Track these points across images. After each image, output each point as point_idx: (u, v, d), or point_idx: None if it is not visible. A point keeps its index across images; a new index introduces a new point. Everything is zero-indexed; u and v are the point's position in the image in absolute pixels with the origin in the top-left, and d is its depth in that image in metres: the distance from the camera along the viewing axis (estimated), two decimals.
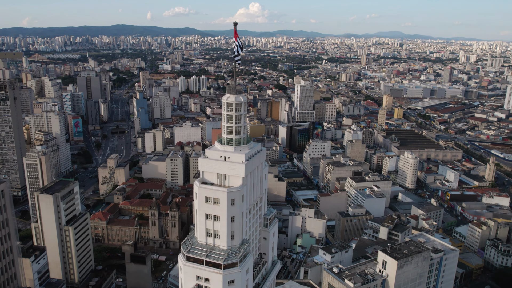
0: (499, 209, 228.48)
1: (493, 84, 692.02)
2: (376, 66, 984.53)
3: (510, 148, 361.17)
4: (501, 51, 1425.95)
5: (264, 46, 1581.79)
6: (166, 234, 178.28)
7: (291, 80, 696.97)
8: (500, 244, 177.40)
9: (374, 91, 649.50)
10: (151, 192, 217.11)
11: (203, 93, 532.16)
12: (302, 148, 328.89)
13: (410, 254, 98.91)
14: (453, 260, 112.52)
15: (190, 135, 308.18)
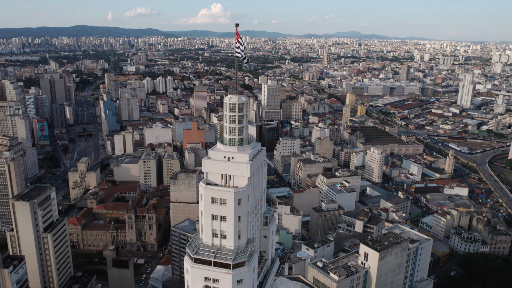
0: (459, 199, 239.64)
1: (446, 81, 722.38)
2: (337, 65, 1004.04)
3: (465, 141, 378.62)
4: (451, 50, 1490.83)
5: (227, 46, 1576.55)
6: (144, 237, 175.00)
7: (257, 80, 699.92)
8: (463, 232, 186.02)
9: (337, 90, 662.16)
10: (125, 195, 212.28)
11: (170, 94, 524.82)
12: (272, 147, 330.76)
13: (390, 246, 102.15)
14: (428, 249, 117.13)
15: (160, 136, 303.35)
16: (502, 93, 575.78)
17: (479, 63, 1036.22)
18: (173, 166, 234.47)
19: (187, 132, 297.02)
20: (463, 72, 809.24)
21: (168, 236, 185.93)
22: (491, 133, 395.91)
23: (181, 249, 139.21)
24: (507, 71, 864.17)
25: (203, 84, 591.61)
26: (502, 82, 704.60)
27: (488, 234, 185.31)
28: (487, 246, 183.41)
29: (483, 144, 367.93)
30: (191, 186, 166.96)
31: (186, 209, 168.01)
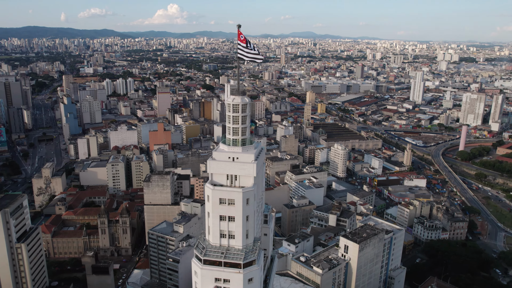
0: (419, 190, 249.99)
1: (398, 79, 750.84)
2: (294, 64, 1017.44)
3: (419, 135, 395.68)
4: (400, 49, 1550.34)
5: (185, 47, 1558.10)
6: (117, 241, 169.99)
7: (217, 80, 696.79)
8: (425, 221, 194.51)
9: (296, 88, 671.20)
10: (94, 199, 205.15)
11: (132, 96, 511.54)
12: None
13: (369, 237, 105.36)
14: (400, 238, 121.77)
15: (126, 138, 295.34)
16: (449, 89, 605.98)
17: (426, 61, 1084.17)
18: (142, 168, 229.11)
19: (153, 134, 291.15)
20: (413, 70, 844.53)
21: (142, 239, 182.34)
22: (442, 127, 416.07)
23: (160, 252, 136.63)
24: (451, 69, 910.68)
25: (165, 85, 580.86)
26: (448, 79, 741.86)
27: (447, 222, 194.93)
28: (447, 233, 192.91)
29: (436, 137, 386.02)
30: (165, 188, 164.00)
31: (160, 212, 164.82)
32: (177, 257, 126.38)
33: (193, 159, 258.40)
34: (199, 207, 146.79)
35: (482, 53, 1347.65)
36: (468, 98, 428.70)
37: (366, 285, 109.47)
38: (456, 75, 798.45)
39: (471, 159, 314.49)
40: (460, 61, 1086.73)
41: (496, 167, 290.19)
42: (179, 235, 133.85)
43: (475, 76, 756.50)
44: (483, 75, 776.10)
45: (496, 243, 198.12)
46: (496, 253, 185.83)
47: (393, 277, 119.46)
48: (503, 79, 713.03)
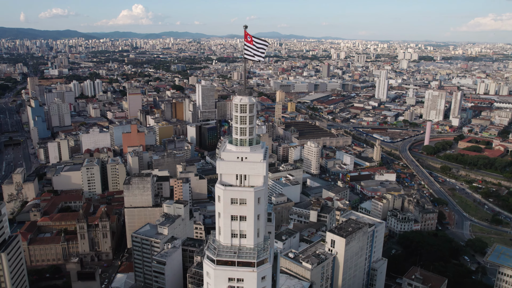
0: (389, 184, 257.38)
1: (363, 77, 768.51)
2: (262, 64, 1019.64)
3: (386, 131, 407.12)
4: (363, 48, 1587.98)
5: (152, 47, 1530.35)
6: (97, 246, 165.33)
7: (187, 80, 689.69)
8: (398, 213, 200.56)
9: (265, 88, 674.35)
10: (70, 204, 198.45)
11: (100, 97, 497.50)
12: (212, 146, 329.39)
13: (354, 231, 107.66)
14: (381, 231, 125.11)
15: (98, 141, 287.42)
16: (411, 87, 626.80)
17: (388, 60, 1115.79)
18: (118, 171, 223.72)
19: (127, 136, 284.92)
20: (376, 68, 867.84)
21: (122, 243, 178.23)
22: (407, 123, 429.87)
23: (144, 254, 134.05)
24: (412, 67, 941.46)
25: (134, 86, 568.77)
26: (410, 77, 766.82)
27: (419, 214, 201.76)
28: (419, 224, 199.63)
29: (401, 133, 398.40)
30: (145, 190, 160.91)
31: (142, 214, 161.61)
32: (163, 259, 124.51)
33: (169, 160, 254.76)
34: (182, 208, 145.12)
35: (438, 52, 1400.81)
36: (430, 95, 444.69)
37: (352, 277, 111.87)
38: (417, 73, 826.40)
39: (435, 153, 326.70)
40: (419, 59, 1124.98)
41: (458, 160, 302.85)
42: (164, 237, 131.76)
43: (434, 74, 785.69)
44: (441, 72, 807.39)
45: (463, 232, 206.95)
46: (463, 241, 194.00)
47: (375, 268, 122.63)
48: (459, 77, 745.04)
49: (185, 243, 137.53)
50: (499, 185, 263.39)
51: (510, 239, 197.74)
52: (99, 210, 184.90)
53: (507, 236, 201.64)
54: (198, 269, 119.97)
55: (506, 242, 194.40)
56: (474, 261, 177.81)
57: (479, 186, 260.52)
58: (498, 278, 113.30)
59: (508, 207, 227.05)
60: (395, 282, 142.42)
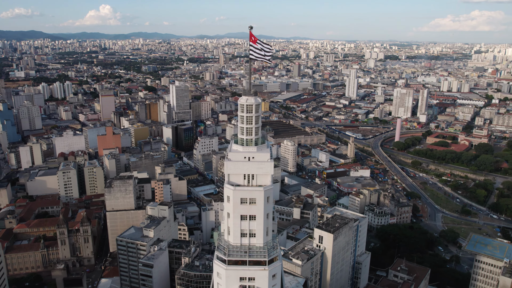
0: (364, 180, 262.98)
1: (333, 76, 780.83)
2: (234, 64, 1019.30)
3: (358, 129, 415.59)
4: (331, 48, 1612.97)
5: (121, 48, 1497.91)
6: (79, 251, 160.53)
7: (159, 81, 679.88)
8: (375, 208, 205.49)
9: (238, 88, 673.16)
10: (47, 210, 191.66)
11: (71, 100, 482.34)
12: (189, 147, 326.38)
13: (341, 226, 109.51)
14: (365, 225, 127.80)
15: (72, 144, 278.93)
16: (379, 85, 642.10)
17: (356, 59, 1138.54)
18: (95, 174, 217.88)
19: (102, 138, 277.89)
20: (345, 68, 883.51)
21: (104, 247, 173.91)
22: (377, 120, 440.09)
23: (130, 258, 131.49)
24: (379, 66, 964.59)
25: (105, 87, 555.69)
26: (377, 76, 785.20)
27: (394, 207, 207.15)
28: (395, 218, 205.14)
29: (372, 130, 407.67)
30: (127, 193, 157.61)
31: (124, 217, 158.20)
32: (150, 261, 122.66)
33: (146, 162, 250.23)
34: (167, 210, 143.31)
35: (403, 51, 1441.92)
36: (398, 93, 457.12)
37: (339, 271, 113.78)
38: (384, 71, 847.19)
39: (406, 148, 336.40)
40: (385, 58, 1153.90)
41: (428, 155, 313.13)
42: (150, 240, 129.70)
43: (400, 73, 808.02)
44: (407, 71, 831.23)
45: (436, 224, 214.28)
46: (437, 232, 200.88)
47: (360, 262, 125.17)
48: (424, 75, 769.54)
49: (171, 244, 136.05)
50: (466, 177, 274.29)
51: (479, 228, 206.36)
52: (79, 214, 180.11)
53: (476, 226, 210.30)
54: (187, 271, 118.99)
55: (475, 231, 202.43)
56: (448, 251, 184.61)
57: (448, 179, 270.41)
58: (475, 265, 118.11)
59: (475, 198, 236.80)
60: (375, 274, 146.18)
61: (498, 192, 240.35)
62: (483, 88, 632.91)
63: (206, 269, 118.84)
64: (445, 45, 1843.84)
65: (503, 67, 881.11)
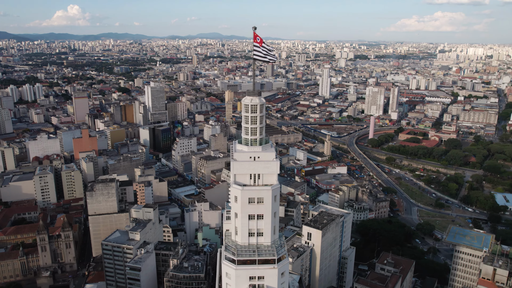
0: (342, 177, 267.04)
1: (305, 76, 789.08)
2: (207, 65, 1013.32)
3: (332, 127, 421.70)
4: (302, 48, 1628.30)
5: (92, 49, 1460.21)
6: (60, 257, 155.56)
7: (132, 82, 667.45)
8: (354, 204, 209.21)
9: (213, 88, 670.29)
10: (24, 216, 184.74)
11: (42, 102, 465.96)
12: (167, 148, 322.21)
13: (328, 223, 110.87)
14: (349, 221, 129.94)
15: (47, 148, 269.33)
16: (351, 84, 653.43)
17: (327, 59, 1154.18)
18: (74, 178, 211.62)
19: (78, 141, 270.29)
20: (317, 67, 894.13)
21: (85, 252, 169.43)
22: (351, 118, 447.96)
23: (116, 262, 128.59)
24: (349, 65, 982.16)
25: (77, 89, 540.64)
26: (348, 75, 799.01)
27: (372, 203, 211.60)
28: (373, 213, 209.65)
29: (347, 128, 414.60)
30: (110, 196, 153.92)
31: (107, 221, 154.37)
32: (138, 265, 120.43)
33: (125, 164, 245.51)
34: (152, 212, 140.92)
35: (371, 51, 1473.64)
36: (370, 91, 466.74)
37: (327, 267, 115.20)
38: (354, 71, 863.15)
39: (379, 145, 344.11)
40: (355, 58, 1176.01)
41: (400, 151, 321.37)
42: (136, 243, 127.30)
43: (370, 72, 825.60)
44: (377, 70, 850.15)
45: (412, 217, 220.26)
46: (414, 225, 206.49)
47: (345, 257, 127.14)
48: (393, 74, 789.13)
49: (157, 247, 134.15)
50: (437, 172, 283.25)
51: (452, 220, 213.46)
52: (58, 219, 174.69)
53: (449, 218, 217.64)
54: (176, 272, 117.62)
55: (449, 223, 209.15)
56: (425, 243, 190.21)
57: (421, 174, 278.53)
58: (455, 256, 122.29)
59: (447, 192, 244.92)
60: (358, 268, 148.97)
61: (468, 185, 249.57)
62: (449, 86, 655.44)
63: (195, 270, 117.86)
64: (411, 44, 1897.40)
65: (465, 65, 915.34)
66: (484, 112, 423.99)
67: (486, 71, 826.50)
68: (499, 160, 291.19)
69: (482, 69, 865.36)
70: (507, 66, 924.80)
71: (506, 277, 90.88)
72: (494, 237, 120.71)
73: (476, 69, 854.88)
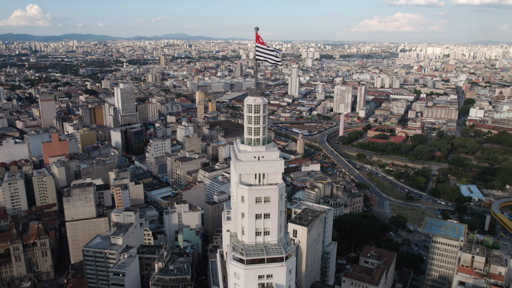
0: (315, 174, 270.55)
1: (274, 76, 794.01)
2: (175, 65, 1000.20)
3: (303, 125, 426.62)
4: None
5: (54, 51, 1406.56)
6: (36, 266, 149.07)
7: (99, 84, 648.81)
8: (329, 200, 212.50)
9: (182, 89, 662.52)
10: None
11: (5, 106, 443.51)
12: (140, 150, 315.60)
13: (313, 219, 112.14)
14: (331, 217, 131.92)
15: (14, 153, 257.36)
16: (319, 83, 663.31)
17: (293, 59, 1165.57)
18: (46, 183, 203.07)
19: (48, 145, 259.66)
20: (284, 67, 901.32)
21: (62, 259, 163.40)
22: (320, 116, 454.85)
23: (98, 268, 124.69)
24: (316, 65, 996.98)
25: (42, 92, 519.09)
26: (316, 74, 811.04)
27: (347, 198, 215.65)
28: (348, 208, 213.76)
29: (317, 126, 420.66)
30: (88, 201, 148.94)
31: (85, 226, 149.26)
32: (122, 270, 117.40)
33: (98, 168, 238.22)
34: (133, 216, 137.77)
35: (336, 50, 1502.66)
36: (338, 90, 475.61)
37: (313, 262, 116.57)
38: (321, 70, 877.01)
39: (350, 142, 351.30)
40: (321, 58, 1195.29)
41: (370, 147, 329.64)
42: (119, 247, 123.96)
43: (336, 71, 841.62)
44: (342, 69, 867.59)
45: (385, 211, 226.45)
46: (387, 219, 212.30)
47: (328, 252, 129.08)
48: (358, 73, 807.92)
49: (140, 250, 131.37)
50: (406, 166, 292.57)
51: (423, 213, 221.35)
52: (32, 227, 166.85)
53: (420, 210, 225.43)
54: (161, 276, 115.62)
55: (420, 215, 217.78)
56: (398, 235, 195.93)
57: (391, 169, 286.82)
58: (432, 246, 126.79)
59: (416, 185, 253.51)
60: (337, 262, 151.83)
61: (436, 178, 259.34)
62: (411, 83, 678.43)
63: (181, 272, 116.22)
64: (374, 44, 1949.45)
65: (426, 64, 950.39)
66: (446, 108, 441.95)
67: (445, 69, 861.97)
68: (461, 154, 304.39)
69: (441, 67, 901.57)
70: (463, 64, 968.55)
71: (483, 263, 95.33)
72: (466, 227, 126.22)
73: (435, 68, 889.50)
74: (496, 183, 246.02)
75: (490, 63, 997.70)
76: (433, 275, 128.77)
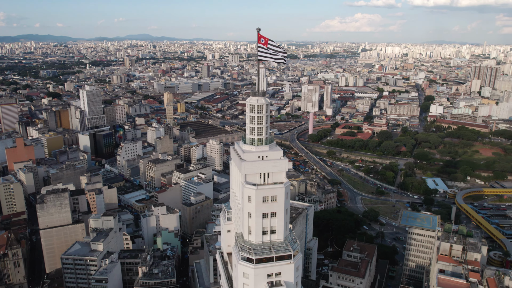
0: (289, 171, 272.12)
1: (241, 76, 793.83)
2: (140, 67, 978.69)
3: (273, 124, 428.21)
4: (234, 49, 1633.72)
5: (10, 52, 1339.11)
6: (7, 278, 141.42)
7: (62, 86, 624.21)
8: (304, 197, 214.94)
9: (149, 90, 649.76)
10: None
11: None
12: (110, 153, 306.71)
13: (297, 217, 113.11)
14: (311, 214, 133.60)
15: None
16: (286, 83, 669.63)
17: None
18: (13, 191, 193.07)
19: (12, 151, 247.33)
20: (251, 67, 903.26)
21: (36, 269, 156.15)
22: (289, 115, 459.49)
23: (78, 276, 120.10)
24: (282, 65, 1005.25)
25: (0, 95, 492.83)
26: (282, 74, 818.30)
27: (321, 195, 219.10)
28: (323, 204, 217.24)
29: (286, 125, 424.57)
30: (63, 207, 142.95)
31: (61, 233, 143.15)
32: (104, 276, 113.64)
33: (68, 173, 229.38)
34: (112, 221, 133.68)
35: (300, 50, 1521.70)
36: (305, 89, 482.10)
37: None
38: (287, 70, 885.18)
39: (319, 140, 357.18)
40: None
41: (339, 144, 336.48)
42: (100, 253, 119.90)
43: (302, 70, 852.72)
44: (307, 69, 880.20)
45: (357, 206, 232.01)
46: (360, 213, 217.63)
47: (310, 248, 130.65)
48: (322, 72, 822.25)
49: (121, 255, 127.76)
50: (374, 162, 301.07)
51: (393, 206, 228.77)
52: (1, 237, 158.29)
53: (390, 203, 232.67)
54: (146, 280, 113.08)
55: (391, 209, 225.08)
56: (372, 228, 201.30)
57: (360, 165, 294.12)
58: (409, 237, 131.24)
59: (385, 180, 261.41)
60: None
61: (403, 173, 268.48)
62: (374, 82, 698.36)
63: (166, 276, 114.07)
64: (336, 44, 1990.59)
65: (386, 63, 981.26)
66: (408, 105, 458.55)
67: (404, 68, 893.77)
68: (425, 148, 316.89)
69: (400, 66, 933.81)
70: (421, 63, 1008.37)
71: (461, 251, 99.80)
72: (440, 218, 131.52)
73: (395, 67, 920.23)
74: (459, 175, 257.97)
75: (445, 62, 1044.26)
76: (410, 265, 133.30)
